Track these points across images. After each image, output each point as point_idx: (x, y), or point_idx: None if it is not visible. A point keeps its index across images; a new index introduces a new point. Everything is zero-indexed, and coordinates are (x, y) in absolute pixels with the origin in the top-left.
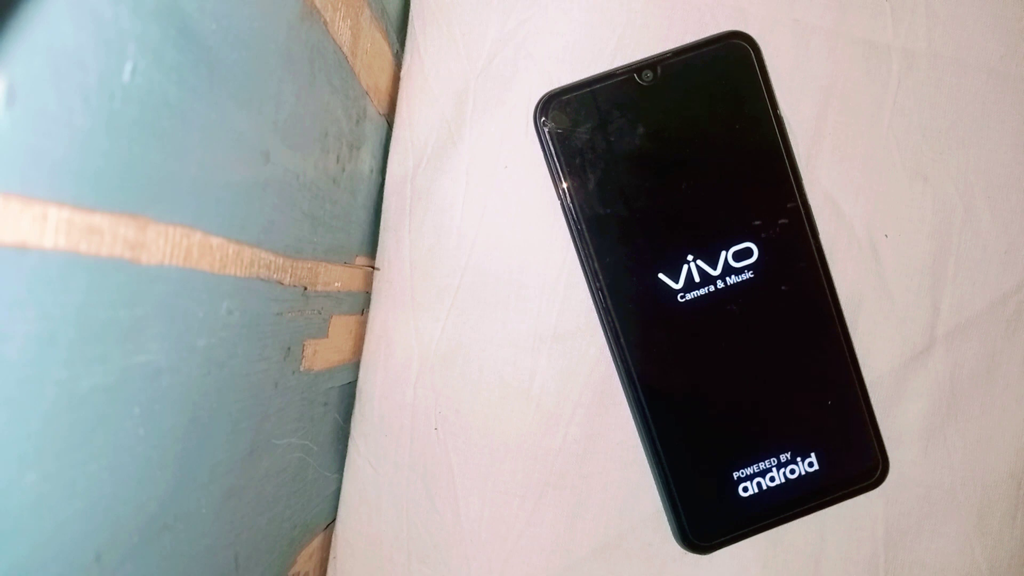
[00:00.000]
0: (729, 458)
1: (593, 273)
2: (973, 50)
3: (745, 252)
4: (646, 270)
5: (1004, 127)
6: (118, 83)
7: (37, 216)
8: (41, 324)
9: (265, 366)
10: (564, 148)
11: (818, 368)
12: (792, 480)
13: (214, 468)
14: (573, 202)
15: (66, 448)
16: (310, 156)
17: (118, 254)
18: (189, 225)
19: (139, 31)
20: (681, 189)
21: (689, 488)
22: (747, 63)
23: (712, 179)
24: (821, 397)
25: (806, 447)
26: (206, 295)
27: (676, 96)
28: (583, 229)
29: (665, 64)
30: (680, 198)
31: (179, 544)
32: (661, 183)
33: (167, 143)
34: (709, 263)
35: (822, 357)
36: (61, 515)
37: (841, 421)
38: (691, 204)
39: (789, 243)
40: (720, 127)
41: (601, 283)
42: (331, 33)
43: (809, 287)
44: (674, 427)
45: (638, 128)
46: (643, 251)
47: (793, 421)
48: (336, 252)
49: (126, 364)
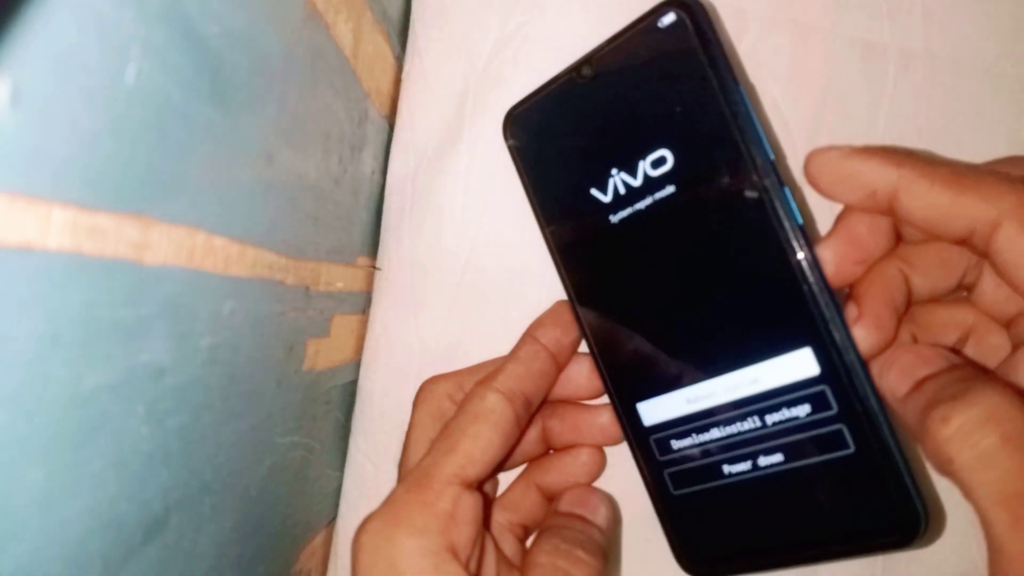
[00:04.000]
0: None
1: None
2: (969, 50)
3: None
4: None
5: (999, 127)
6: (122, 85)
7: (41, 216)
8: (45, 324)
9: (268, 365)
10: (526, 162)
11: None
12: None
13: (217, 467)
14: (542, 215)
15: (70, 446)
16: (312, 158)
17: (122, 254)
18: (192, 226)
19: (143, 34)
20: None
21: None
22: (682, 32)
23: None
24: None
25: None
26: (209, 295)
27: (615, 87)
28: (556, 249)
29: (599, 56)
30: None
31: (182, 542)
32: (612, 182)
33: (170, 144)
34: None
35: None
36: (65, 513)
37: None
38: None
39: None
40: (662, 109)
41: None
42: (333, 36)
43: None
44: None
45: (583, 129)
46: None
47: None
48: (338, 252)
49: (130, 363)
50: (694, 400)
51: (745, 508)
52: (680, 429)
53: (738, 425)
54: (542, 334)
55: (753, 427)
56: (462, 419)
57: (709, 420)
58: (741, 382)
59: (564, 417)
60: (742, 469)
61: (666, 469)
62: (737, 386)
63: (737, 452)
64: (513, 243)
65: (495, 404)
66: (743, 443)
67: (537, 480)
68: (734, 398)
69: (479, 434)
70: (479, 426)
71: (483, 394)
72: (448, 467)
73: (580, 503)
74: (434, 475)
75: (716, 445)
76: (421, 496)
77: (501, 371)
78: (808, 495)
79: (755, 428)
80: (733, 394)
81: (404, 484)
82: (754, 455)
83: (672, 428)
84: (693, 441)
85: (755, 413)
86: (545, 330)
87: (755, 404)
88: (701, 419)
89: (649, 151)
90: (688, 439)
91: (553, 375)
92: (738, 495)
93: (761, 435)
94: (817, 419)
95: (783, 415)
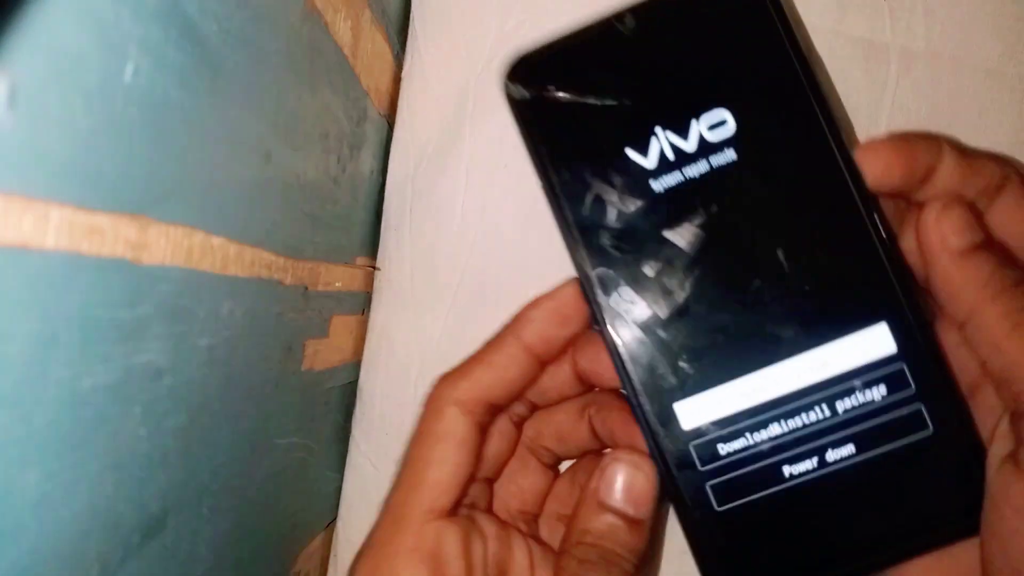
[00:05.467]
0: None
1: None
2: (971, 49)
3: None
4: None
5: (1001, 127)
6: (120, 84)
7: (39, 216)
8: (43, 324)
9: (266, 366)
10: (536, 117)
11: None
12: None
13: (215, 468)
14: (555, 181)
15: (67, 448)
16: (311, 157)
17: (120, 254)
18: (190, 225)
19: (141, 32)
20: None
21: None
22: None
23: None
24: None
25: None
26: (207, 295)
27: (665, 38)
28: (572, 220)
29: (646, 5)
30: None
31: (180, 544)
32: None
33: (169, 144)
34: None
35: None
36: (62, 514)
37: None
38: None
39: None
40: (722, 67)
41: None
42: (332, 34)
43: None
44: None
45: (620, 83)
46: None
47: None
48: (337, 252)
49: (127, 364)
50: (750, 392)
51: (805, 514)
52: (731, 429)
53: (803, 417)
54: (529, 332)
55: (821, 417)
56: (423, 443)
57: (768, 415)
58: (810, 365)
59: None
60: (805, 468)
61: (709, 480)
62: (804, 371)
63: (800, 449)
64: (514, 243)
65: (454, 424)
66: (807, 437)
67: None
68: (800, 386)
69: (444, 459)
70: (442, 449)
71: (440, 409)
72: (421, 503)
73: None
74: (408, 514)
75: (775, 444)
76: (402, 540)
77: (466, 374)
78: (881, 487)
79: (823, 418)
80: (799, 381)
81: (382, 526)
82: (821, 450)
83: (721, 429)
84: (747, 442)
85: (824, 400)
86: (534, 326)
87: (824, 390)
88: (758, 414)
89: (705, 110)
90: (740, 440)
91: (533, 376)
92: (797, 500)
93: (830, 426)
94: (894, 400)
95: (856, 400)
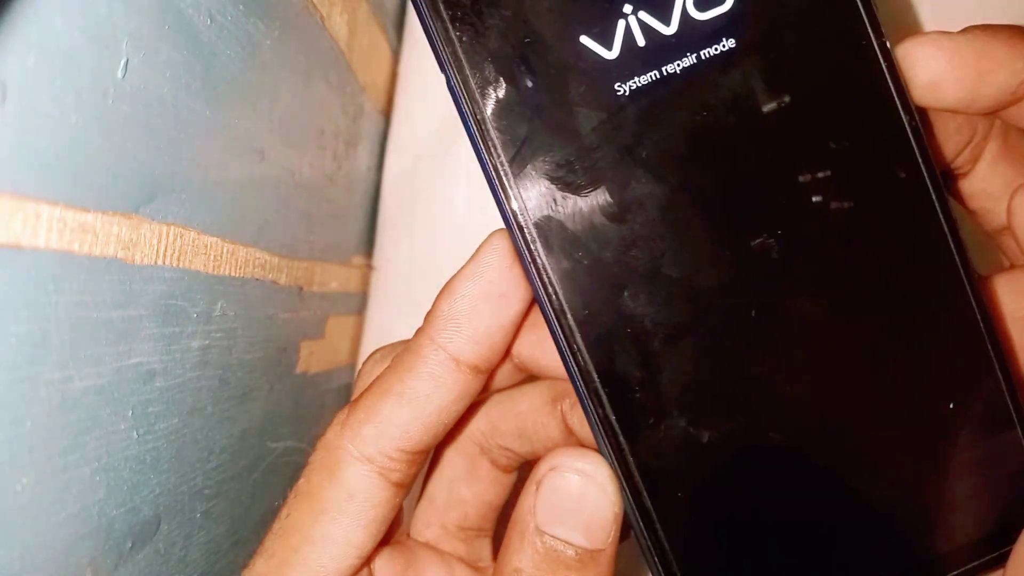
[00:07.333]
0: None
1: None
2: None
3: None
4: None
5: None
6: (112, 80)
7: (30, 215)
8: (34, 324)
9: (260, 368)
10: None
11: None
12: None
13: (208, 472)
14: (476, 89)
15: (59, 450)
16: (306, 154)
17: (111, 254)
18: (183, 224)
19: (133, 27)
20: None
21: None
22: None
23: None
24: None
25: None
26: (200, 295)
27: None
28: (498, 145)
29: None
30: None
31: (173, 549)
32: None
33: (161, 141)
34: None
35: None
36: (54, 518)
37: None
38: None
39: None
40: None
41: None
42: (327, 28)
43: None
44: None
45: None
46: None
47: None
48: (332, 251)
49: (119, 365)
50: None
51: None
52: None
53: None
54: (453, 335)
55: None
56: (308, 510)
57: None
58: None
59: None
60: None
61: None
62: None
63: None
64: None
65: (357, 487)
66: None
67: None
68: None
69: (334, 538)
70: (334, 523)
71: (337, 465)
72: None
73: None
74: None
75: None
76: None
77: (372, 415)
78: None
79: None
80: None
81: None
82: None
83: (708, 430)
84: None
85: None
86: (459, 326)
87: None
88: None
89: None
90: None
91: (471, 395)
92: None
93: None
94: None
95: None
